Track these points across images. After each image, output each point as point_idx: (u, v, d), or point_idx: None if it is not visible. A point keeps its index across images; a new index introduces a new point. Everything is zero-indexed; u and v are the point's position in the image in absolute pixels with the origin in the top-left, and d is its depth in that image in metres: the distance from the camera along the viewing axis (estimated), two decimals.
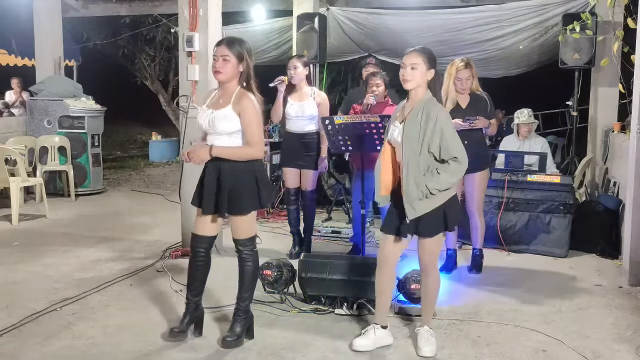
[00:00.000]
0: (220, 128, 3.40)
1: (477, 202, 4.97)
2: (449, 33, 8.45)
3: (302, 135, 5.31)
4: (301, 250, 5.41)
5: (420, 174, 3.27)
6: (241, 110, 3.40)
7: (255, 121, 3.43)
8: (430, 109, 3.31)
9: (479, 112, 4.80)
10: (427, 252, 3.45)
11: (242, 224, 3.51)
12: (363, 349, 3.45)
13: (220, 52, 3.40)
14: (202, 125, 3.49)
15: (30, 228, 6.56)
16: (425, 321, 3.57)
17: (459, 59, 4.87)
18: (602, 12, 6.83)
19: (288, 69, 5.27)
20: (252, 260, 3.56)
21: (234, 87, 3.47)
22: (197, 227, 3.57)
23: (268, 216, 7.21)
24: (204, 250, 3.58)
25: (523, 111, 6.51)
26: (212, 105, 3.49)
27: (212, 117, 3.42)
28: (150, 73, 14.26)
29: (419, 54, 3.36)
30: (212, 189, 3.45)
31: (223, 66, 3.40)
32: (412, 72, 3.34)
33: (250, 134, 3.42)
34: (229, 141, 3.44)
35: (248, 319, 3.62)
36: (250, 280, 3.58)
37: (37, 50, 8.93)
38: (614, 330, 3.86)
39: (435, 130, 3.27)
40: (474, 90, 4.91)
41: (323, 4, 9.02)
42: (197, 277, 3.59)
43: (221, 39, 3.54)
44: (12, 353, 3.43)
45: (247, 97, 3.44)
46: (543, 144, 6.44)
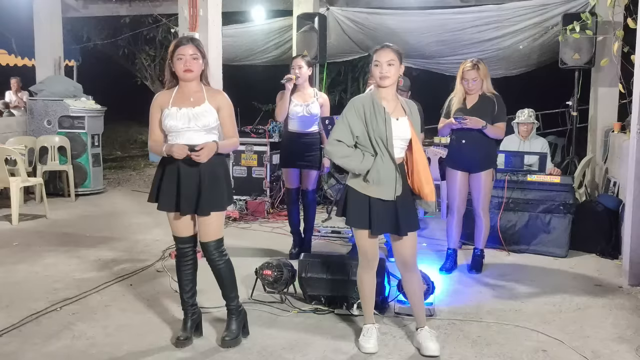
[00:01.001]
0: (204, 123, 3.41)
1: (482, 202, 4.96)
2: (449, 33, 8.45)
3: (304, 135, 5.31)
4: (301, 250, 5.41)
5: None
6: (220, 105, 3.47)
7: (233, 114, 3.57)
8: (411, 105, 3.51)
9: (483, 113, 4.78)
10: (410, 247, 3.45)
11: (217, 224, 3.49)
12: (374, 351, 3.46)
13: (188, 50, 3.40)
14: (176, 125, 3.39)
15: (30, 228, 6.56)
16: (422, 322, 3.56)
17: (469, 60, 4.87)
18: (602, 12, 6.84)
19: (292, 69, 5.27)
20: (225, 260, 3.54)
21: (197, 85, 3.48)
22: (178, 229, 3.54)
23: (268, 216, 7.21)
24: (190, 249, 3.58)
25: (524, 111, 6.50)
26: (179, 104, 3.43)
27: (192, 113, 3.40)
28: (150, 73, 14.27)
29: (392, 50, 3.37)
30: (193, 189, 3.41)
31: (193, 64, 3.40)
32: (389, 68, 3.34)
33: (231, 127, 3.53)
34: (206, 137, 3.44)
35: (242, 316, 3.63)
36: (229, 279, 3.57)
37: (37, 50, 8.93)
38: (614, 330, 3.86)
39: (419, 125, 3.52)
40: (485, 92, 4.88)
41: (323, 4, 9.02)
42: (189, 277, 3.59)
43: (181, 38, 3.52)
44: (12, 353, 3.43)
45: (220, 92, 3.58)
46: (543, 144, 6.44)
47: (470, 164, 4.92)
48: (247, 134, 7.50)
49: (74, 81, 9.68)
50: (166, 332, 3.74)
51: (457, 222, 5.04)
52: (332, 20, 9.03)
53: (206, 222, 3.46)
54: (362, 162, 3.33)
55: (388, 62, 3.33)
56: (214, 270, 3.55)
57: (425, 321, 3.58)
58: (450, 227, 5.07)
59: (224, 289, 3.58)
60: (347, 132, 3.36)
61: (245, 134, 7.40)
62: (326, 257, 4.42)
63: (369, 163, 3.32)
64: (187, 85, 3.46)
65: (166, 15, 10.61)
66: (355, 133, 3.35)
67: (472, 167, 4.92)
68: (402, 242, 3.44)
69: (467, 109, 4.83)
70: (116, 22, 12.23)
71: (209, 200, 3.41)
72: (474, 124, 4.73)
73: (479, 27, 8.26)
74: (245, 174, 7.60)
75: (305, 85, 5.32)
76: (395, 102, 3.43)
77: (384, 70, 3.33)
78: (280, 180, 7.29)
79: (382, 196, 3.33)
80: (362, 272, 3.56)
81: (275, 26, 9.80)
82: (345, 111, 3.42)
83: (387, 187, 3.33)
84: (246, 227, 6.73)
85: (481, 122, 4.75)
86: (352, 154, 3.36)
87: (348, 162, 3.36)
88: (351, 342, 3.61)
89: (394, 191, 3.33)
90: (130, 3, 10.38)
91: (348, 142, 3.37)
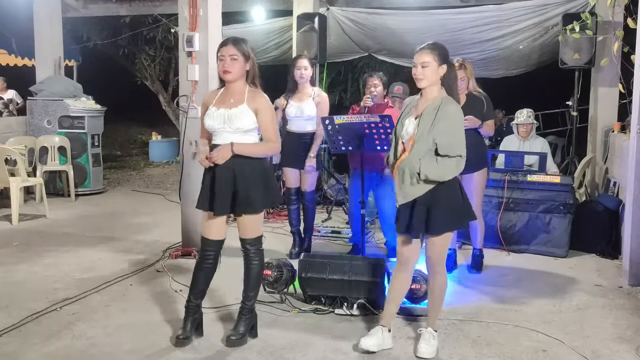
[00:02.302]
0: (238, 125, 3.41)
1: (475, 202, 4.95)
2: (449, 33, 8.44)
3: (302, 135, 5.32)
4: (301, 250, 5.41)
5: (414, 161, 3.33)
6: (258, 107, 3.45)
7: (273, 118, 3.53)
8: (446, 106, 3.33)
9: (474, 112, 4.79)
10: (436, 251, 3.43)
11: (253, 223, 3.53)
12: (371, 349, 3.44)
13: (228, 51, 3.42)
14: (213, 125, 3.45)
15: (30, 228, 6.56)
16: (431, 323, 3.55)
17: (455, 60, 4.88)
18: (602, 12, 6.83)
19: (298, 69, 5.26)
20: (258, 259, 3.58)
21: (241, 86, 3.50)
22: (207, 231, 3.55)
23: (268, 216, 7.21)
24: (214, 254, 3.57)
25: (522, 111, 6.51)
26: (220, 104, 3.48)
27: (227, 114, 3.42)
28: (150, 73, 14.26)
29: (429, 52, 3.35)
30: (227, 190, 3.43)
31: (232, 65, 3.42)
32: (423, 70, 3.33)
33: (269, 131, 3.50)
34: (243, 139, 3.45)
35: (252, 318, 3.64)
36: (256, 280, 3.60)
37: (37, 50, 8.93)
38: (614, 330, 3.86)
39: (447, 126, 3.29)
40: (472, 91, 4.91)
41: (323, 4, 9.02)
42: (202, 280, 3.59)
43: (226, 39, 3.54)
44: (12, 353, 3.43)
45: (262, 95, 3.51)
46: (543, 144, 6.44)
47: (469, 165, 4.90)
48: None
49: (74, 81, 9.68)
50: (166, 332, 3.74)
51: None
52: (332, 20, 9.03)
53: (243, 220, 3.51)
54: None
55: (422, 64, 3.34)
56: (246, 266, 3.58)
57: (434, 324, 3.54)
58: None
59: (247, 286, 3.59)
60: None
61: None
62: (326, 257, 4.42)
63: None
64: (231, 85, 3.49)
65: (166, 15, 10.60)
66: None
67: (469, 167, 4.91)
68: (430, 241, 3.44)
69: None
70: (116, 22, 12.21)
71: (242, 201, 3.43)
72: (472, 124, 4.74)
73: (479, 27, 8.26)
74: None
75: (306, 85, 5.33)
76: (430, 102, 3.37)
77: (417, 73, 3.36)
78: (281, 181, 7.28)
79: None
80: (395, 271, 3.56)
81: (275, 26, 9.80)
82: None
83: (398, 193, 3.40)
84: None
85: (478, 121, 4.77)
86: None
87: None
88: (351, 342, 3.61)
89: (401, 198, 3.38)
90: (130, 3, 10.37)
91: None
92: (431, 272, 3.51)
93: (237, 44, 3.45)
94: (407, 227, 3.39)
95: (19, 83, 10.93)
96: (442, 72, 3.37)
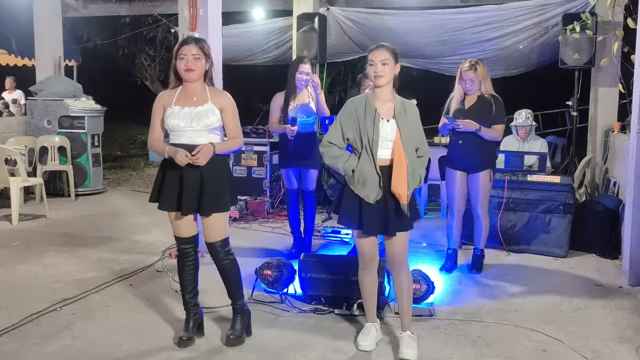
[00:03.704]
0: (206, 123, 3.41)
1: (481, 202, 4.96)
2: (449, 33, 8.45)
3: (303, 135, 5.31)
4: (301, 250, 5.41)
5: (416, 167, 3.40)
6: (223, 105, 3.47)
7: (237, 115, 3.55)
8: (411, 107, 3.45)
9: (481, 115, 4.77)
10: (400, 247, 3.44)
11: (220, 224, 3.49)
12: (370, 349, 3.48)
13: (190, 50, 3.41)
14: (178, 124, 3.41)
15: (30, 228, 6.56)
16: (406, 325, 3.50)
17: (468, 60, 4.86)
18: (602, 12, 6.84)
19: (300, 74, 5.25)
20: (230, 259, 3.55)
21: (201, 85, 3.49)
22: (179, 229, 3.54)
23: (268, 216, 7.21)
24: (192, 249, 3.58)
25: (521, 112, 6.49)
26: (183, 104, 3.45)
27: (195, 113, 3.41)
28: (150, 73, 14.28)
29: (387, 50, 3.39)
30: (194, 190, 3.41)
31: (195, 64, 3.41)
32: (384, 67, 3.35)
33: (234, 128, 3.52)
34: (208, 137, 3.44)
35: (247, 316, 3.64)
36: (234, 279, 3.58)
37: (37, 50, 8.93)
38: (614, 330, 3.86)
39: (420, 128, 3.46)
40: (484, 93, 4.87)
41: (323, 4, 9.02)
42: (190, 277, 3.59)
43: (187, 38, 3.55)
44: (12, 353, 3.43)
45: (224, 93, 3.56)
46: (542, 145, 6.44)
47: (468, 164, 4.92)
48: (247, 134, 7.47)
49: (74, 81, 9.69)
50: (166, 332, 3.74)
51: (457, 222, 5.04)
52: (332, 20, 9.03)
53: (210, 223, 3.47)
54: (346, 162, 3.37)
55: (382, 62, 3.35)
56: (220, 270, 3.56)
57: (410, 326, 3.50)
58: (450, 228, 5.07)
59: (229, 288, 3.59)
60: (339, 135, 3.42)
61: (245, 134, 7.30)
62: (326, 257, 4.42)
63: (352, 163, 3.36)
64: (191, 85, 3.47)
65: (166, 15, 10.61)
66: (346, 135, 3.41)
67: (470, 167, 4.92)
68: (391, 241, 3.45)
69: (465, 109, 4.83)
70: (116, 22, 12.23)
71: (210, 201, 3.41)
72: (467, 127, 4.72)
73: (479, 27, 8.26)
74: (245, 174, 7.60)
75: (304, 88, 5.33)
76: (390, 102, 3.41)
77: (378, 70, 3.36)
78: (280, 180, 7.29)
79: (365, 197, 3.35)
80: (362, 273, 3.57)
81: (275, 26, 9.80)
82: (339, 113, 3.49)
83: (369, 189, 3.34)
84: (246, 227, 6.73)
85: (475, 125, 4.72)
86: (340, 155, 3.41)
87: (335, 162, 3.43)
88: (351, 342, 3.61)
89: (375, 194, 3.34)
90: (130, 3, 10.37)
91: (339, 144, 3.43)
92: (396, 269, 3.50)
93: (199, 42, 3.46)
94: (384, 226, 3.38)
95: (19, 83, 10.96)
96: (397, 71, 3.43)
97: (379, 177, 3.33)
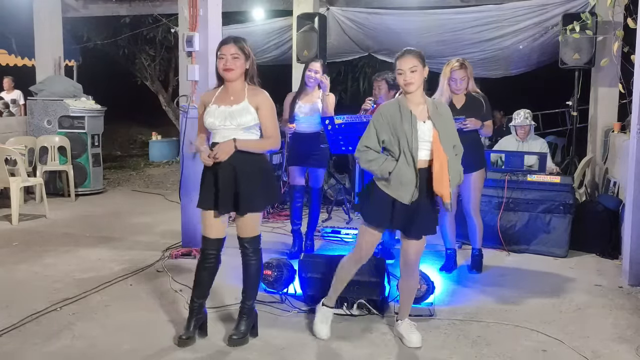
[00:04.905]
0: (240, 121, 3.42)
1: (473, 202, 4.97)
2: (449, 33, 8.45)
3: (310, 135, 5.34)
4: (301, 249, 5.42)
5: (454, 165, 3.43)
6: (259, 103, 3.47)
7: (273, 114, 3.53)
8: (443, 108, 3.49)
9: (474, 113, 4.79)
10: (419, 250, 3.52)
11: (253, 222, 3.54)
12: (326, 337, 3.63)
13: (229, 50, 3.43)
14: (214, 122, 3.45)
15: (30, 228, 6.56)
16: (404, 315, 3.68)
17: (455, 59, 4.89)
18: (602, 12, 6.84)
19: (309, 71, 5.26)
20: (257, 259, 3.59)
21: (241, 84, 3.51)
22: (208, 230, 3.54)
23: (268, 216, 7.21)
24: (216, 253, 3.58)
25: (520, 112, 6.49)
26: (220, 102, 3.49)
27: (229, 111, 3.43)
28: (150, 73, 14.26)
29: (414, 56, 3.38)
30: (229, 188, 3.44)
31: (233, 63, 3.43)
32: (413, 74, 3.35)
33: (269, 126, 3.50)
34: (244, 136, 3.46)
35: (253, 317, 3.65)
36: (255, 279, 3.62)
37: (37, 50, 8.93)
38: (614, 330, 3.86)
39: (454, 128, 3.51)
40: (471, 91, 4.91)
41: (323, 4, 9.02)
42: (206, 280, 3.59)
43: (226, 38, 3.54)
44: (12, 353, 3.43)
45: (262, 91, 3.53)
46: (542, 145, 6.43)
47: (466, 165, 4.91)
48: None
49: (74, 81, 9.68)
50: (166, 331, 3.74)
51: (449, 222, 5.01)
52: (332, 20, 9.03)
53: (244, 220, 3.51)
54: (382, 165, 3.36)
55: (411, 69, 3.35)
56: (244, 265, 3.59)
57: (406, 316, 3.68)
58: (444, 227, 5.04)
59: (247, 285, 3.61)
60: (373, 138, 3.41)
61: None
62: (326, 257, 4.42)
63: (389, 165, 3.35)
64: (231, 84, 3.49)
65: (166, 15, 10.61)
66: (381, 137, 3.40)
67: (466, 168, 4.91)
68: (408, 243, 3.50)
69: (458, 109, 4.83)
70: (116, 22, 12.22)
71: (245, 200, 3.44)
72: (474, 125, 4.75)
73: (479, 27, 8.26)
74: None
75: (314, 88, 5.33)
76: (422, 105, 3.42)
77: (407, 78, 3.36)
78: (281, 180, 7.28)
79: (400, 198, 3.35)
80: (349, 263, 3.62)
81: (275, 26, 9.81)
82: (373, 119, 3.48)
83: (405, 191, 3.34)
84: None
85: (479, 122, 4.78)
86: (375, 158, 3.40)
87: (370, 166, 3.42)
88: (351, 342, 3.61)
89: (410, 195, 3.34)
90: (130, 3, 10.38)
91: (374, 147, 3.42)
92: (408, 273, 3.60)
93: (238, 42, 3.47)
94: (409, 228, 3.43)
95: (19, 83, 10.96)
96: (426, 74, 3.43)
97: (416, 178, 3.34)
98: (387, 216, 3.40)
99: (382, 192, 3.39)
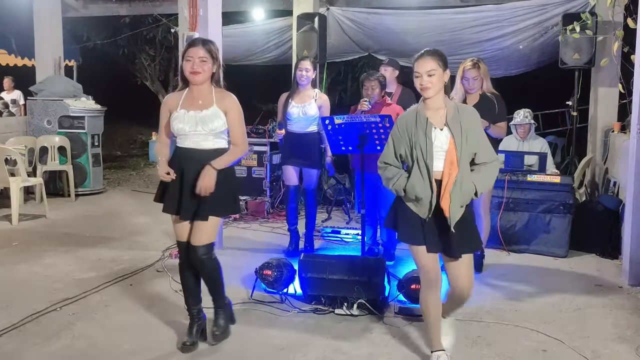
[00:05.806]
0: (211, 127, 3.36)
1: (483, 202, 4.96)
2: (449, 33, 8.45)
3: (304, 135, 5.35)
4: (297, 248, 5.45)
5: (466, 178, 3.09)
6: (227, 107, 3.41)
7: (241, 117, 3.48)
8: (466, 114, 3.15)
9: (485, 113, 4.75)
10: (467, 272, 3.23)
11: (210, 228, 3.42)
12: None
13: (197, 53, 3.34)
14: (183, 128, 3.36)
15: (30, 228, 6.56)
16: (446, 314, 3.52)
17: (469, 59, 4.86)
18: (602, 12, 6.83)
19: (300, 70, 5.28)
20: (211, 264, 3.47)
21: (208, 87, 3.43)
22: (180, 233, 3.48)
23: (268, 216, 7.21)
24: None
25: (520, 112, 6.50)
26: (188, 107, 3.39)
27: (200, 117, 3.36)
28: (150, 73, 14.27)
29: (432, 58, 3.10)
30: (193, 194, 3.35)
31: (201, 67, 3.35)
32: (430, 79, 3.07)
33: (237, 132, 3.45)
34: (214, 141, 3.41)
35: (228, 308, 3.64)
36: (216, 279, 3.53)
37: (37, 50, 8.93)
38: (614, 330, 3.86)
39: (478, 133, 3.15)
40: (486, 92, 4.88)
41: (323, 4, 9.02)
42: (191, 281, 3.55)
43: (195, 39, 3.47)
44: (12, 353, 3.43)
45: (230, 95, 3.47)
46: (543, 145, 6.43)
47: None
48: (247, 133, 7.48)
49: (74, 81, 9.68)
50: (166, 331, 3.74)
51: None
52: (332, 20, 9.03)
53: (200, 226, 3.41)
54: (395, 184, 3.14)
55: (428, 73, 3.07)
56: (200, 272, 3.50)
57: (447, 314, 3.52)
58: None
59: (211, 289, 3.56)
60: (391, 153, 3.21)
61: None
62: (326, 257, 4.42)
63: (401, 183, 3.12)
64: (197, 87, 3.41)
65: (166, 15, 10.62)
66: (399, 152, 3.17)
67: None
68: (456, 265, 3.20)
69: None
70: (116, 22, 12.23)
71: (207, 205, 3.37)
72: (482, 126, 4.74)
73: (479, 27, 8.26)
74: (245, 174, 7.59)
75: (307, 87, 5.35)
76: (442, 110, 3.13)
77: (424, 82, 3.08)
78: (280, 180, 7.30)
79: (420, 214, 3.12)
80: (425, 294, 3.27)
81: (275, 26, 9.80)
82: (391, 131, 3.26)
83: (422, 204, 3.10)
84: (246, 227, 6.72)
85: (485, 122, 4.74)
86: (392, 177, 3.18)
87: (387, 185, 3.21)
88: (351, 342, 3.61)
89: (427, 210, 3.08)
90: (130, 3, 10.38)
91: (393, 162, 3.22)
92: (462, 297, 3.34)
93: (206, 45, 3.38)
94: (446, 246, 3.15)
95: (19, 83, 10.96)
96: (447, 78, 3.14)
97: (431, 191, 3.06)
98: (419, 234, 3.13)
99: (409, 208, 3.15)
